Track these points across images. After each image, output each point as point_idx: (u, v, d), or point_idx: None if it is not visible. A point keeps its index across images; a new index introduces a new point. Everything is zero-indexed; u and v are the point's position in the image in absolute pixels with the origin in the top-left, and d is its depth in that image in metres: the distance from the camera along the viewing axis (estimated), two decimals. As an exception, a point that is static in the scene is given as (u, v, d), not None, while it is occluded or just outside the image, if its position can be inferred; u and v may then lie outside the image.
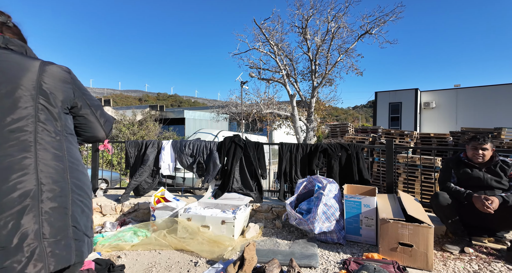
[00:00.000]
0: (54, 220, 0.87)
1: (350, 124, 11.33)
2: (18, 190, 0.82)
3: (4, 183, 0.81)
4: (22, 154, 0.86)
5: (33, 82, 0.91)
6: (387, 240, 2.27)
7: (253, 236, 2.95)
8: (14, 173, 0.83)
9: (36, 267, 0.79)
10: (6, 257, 0.76)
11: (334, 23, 11.87)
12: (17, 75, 0.89)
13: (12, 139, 0.85)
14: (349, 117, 42.47)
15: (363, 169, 3.33)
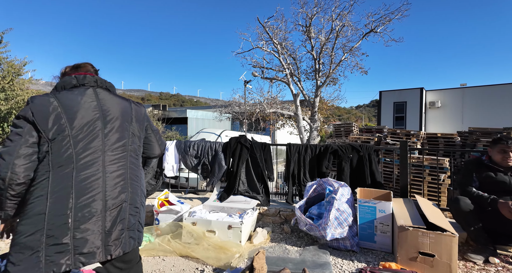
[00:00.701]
0: (133, 216, 1.23)
1: (355, 124, 11.16)
2: (121, 194, 1.20)
3: (113, 189, 1.17)
4: (121, 168, 1.23)
5: (129, 116, 1.31)
6: (405, 248, 2.13)
7: (261, 242, 2.82)
8: (118, 180, 1.20)
9: (121, 246, 1.17)
10: (108, 238, 1.12)
11: (339, 22, 11.68)
12: (119, 110, 1.27)
13: (122, 153, 1.25)
14: (351, 117, 42.21)
15: (376, 171, 3.18)
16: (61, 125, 1.10)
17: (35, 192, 1.05)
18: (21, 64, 9.00)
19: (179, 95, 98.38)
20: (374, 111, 58.22)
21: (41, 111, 1.09)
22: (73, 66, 1.33)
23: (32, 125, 1.08)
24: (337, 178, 3.35)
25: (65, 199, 1.05)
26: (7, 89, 8.50)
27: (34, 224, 1.01)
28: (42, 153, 1.09)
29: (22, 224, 1.03)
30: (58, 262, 1.01)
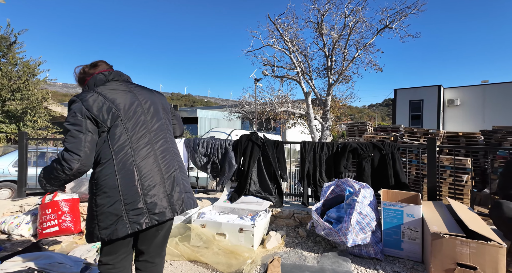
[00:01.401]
0: (185, 181, 1.48)
1: (369, 123, 10.77)
2: (171, 165, 1.42)
3: (163, 161, 1.39)
4: (165, 144, 1.44)
5: (162, 103, 1.53)
6: (440, 259, 1.88)
7: (275, 247, 2.62)
8: (165, 154, 1.42)
9: (184, 205, 1.40)
10: (171, 199, 1.35)
11: (352, 18, 11.30)
12: (150, 97, 1.48)
13: (163, 135, 1.46)
14: (364, 117, 41.27)
15: (400, 171, 2.92)
16: (113, 115, 1.30)
17: (104, 171, 1.26)
18: (35, 64, 9.17)
19: (190, 95, 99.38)
20: (387, 110, 56.67)
21: (94, 106, 1.27)
22: (91, 65, 1.49)
23: (89, 119, 1.26)
24: (356, 178, 3.10)
25: (131, 173, 1.28)
26: (22, 89, 8.67)
27: (112, 196, 1.24)
28: (102, 139, 1.30)
29: (101, 197, 1.24)
30: (139, 222, 1.26)
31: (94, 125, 1.26)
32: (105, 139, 1.29)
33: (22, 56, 9.02)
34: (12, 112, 8.46)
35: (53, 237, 2.72)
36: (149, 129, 1.39)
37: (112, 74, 1.44)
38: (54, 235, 2.74)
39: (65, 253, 2.24)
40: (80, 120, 1.24)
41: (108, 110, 1.29)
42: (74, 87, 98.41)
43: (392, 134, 7.77)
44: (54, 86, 11.88)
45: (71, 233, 2.83)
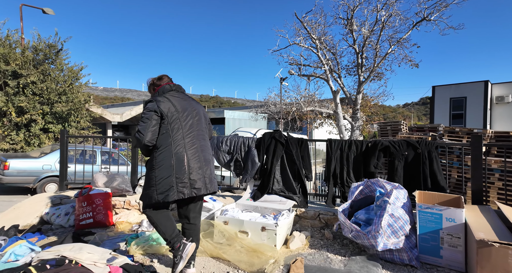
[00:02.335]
0: (213, 171, 2.01)
1: (404, 122, 10.10)
2: (207, 156, 2.00)
3: (203, 153, 1.97)
4: (205, 141, 2.02)
5: (203, 112, 2.10)
6: (489, 270, 1.65)
7: (299, 247, 2.52)
8: (204, 148, 2.00)
9: (213, 187, 1.98)
10: (206, 180, 1.92)
11: (385, 12, 10.68)
12: (198, 107, 2.07)
13: (203, 135, 2.03)
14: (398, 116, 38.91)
15: (438, 172, 2.65)
16: (175, 114, 1.87)
17: (163, 154, 1.82)
18: (79, 69, 10.00)
19: (217, 97, 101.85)
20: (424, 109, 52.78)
21: (163, 105, 1.85)
22: (158, 77, 2.08)
23: (156, 114, 1.83)
24: (388, 178, 2.88)
25: (182, 157, 1.84)
26: (67, 92, 9.50)
27: (168, 172, 1.80)
28: (164, 130, 1.84)
29: (160, 172, 1.80)
30: (183, 191, 1.81)
31: (159, 118, 1.83)
32: (165, 131, 1.83)
33: (67, 62, 9.91)
34: (59, 113, 9.31)
35: (88, 229, 2.90)
36: (194, 129, 1.95)
37: (175, 86, 2.02)
38: (88, 227, 2.92)
39: (97, 244, 2.37)
40: (150, 113, 1.81)
41: (171, 110, 1.86)
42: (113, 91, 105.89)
43: (429, 134, 7.18)
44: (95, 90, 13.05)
45: (104, 226, 3.00)
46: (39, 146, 8.94)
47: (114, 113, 16.40)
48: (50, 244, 2.43)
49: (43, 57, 9.42)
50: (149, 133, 1.78)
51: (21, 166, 6.04)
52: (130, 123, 21.67)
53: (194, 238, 2.01)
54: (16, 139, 8.78)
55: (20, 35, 9.56)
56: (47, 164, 6.17)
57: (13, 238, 2.23)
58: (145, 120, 1.79)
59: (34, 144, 9.03)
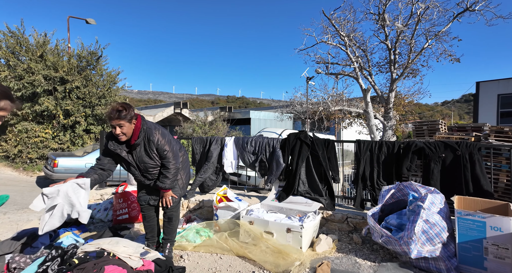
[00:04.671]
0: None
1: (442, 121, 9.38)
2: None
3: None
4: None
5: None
6: (541, 287, 1.48)
7: (325, 251, 2.47)
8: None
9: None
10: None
11: (422, 4, 10.00)
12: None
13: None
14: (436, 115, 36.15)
15: (481, 176, 2.43)
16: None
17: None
18: (116, 74, 10.75)
19: (244, 98, 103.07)
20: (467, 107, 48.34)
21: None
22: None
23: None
24: (423, 182, 2.70)
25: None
26: (106, 95, 10.27)
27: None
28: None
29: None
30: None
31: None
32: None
33: (106, 68, 10.72)
34: (99, 115, 10.11)
35: (124, 224, 3.11)
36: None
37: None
38: (125, 222, 3.13)
39: (131, 239, 2.53)
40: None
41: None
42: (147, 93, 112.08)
43: (472, 135, 6.58)
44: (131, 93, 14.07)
45: (139, 221, 3.19)
46: (82, 146, 9.78)
47: (148, 115, 17.37)
48: (92, 237, 2.65)
49: (86, 64, 10.29)
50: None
51: (67, 163, 6.66)
52: (162, 124, 22.80)
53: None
54: (63, 139, 9.69)
55: (66, 44, 10.54)
56: (89, 162, 6.73)
57: (61, 230, 2.47)
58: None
59: (78, 144, 9.90)
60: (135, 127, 2.02)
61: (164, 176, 2.10)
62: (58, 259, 1.74)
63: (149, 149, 2.06)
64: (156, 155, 2.09)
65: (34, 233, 2.24)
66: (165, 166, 2.10)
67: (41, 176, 8.69)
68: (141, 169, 2.13)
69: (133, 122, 2.01)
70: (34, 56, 9.41)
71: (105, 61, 10.69)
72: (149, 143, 2.05)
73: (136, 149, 2.07)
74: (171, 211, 2.26)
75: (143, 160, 2.08)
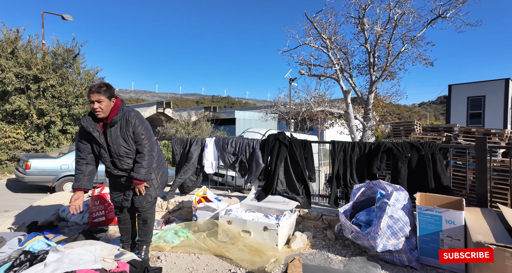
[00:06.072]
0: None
1: (417, 122, 9.87)
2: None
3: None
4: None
5: None
6: (486, 272, 1.65)
7: (300, 247, 2.58)
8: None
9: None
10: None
11: (398, 9, 10.45)
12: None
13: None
14: (414, 116, 37.79)
15: (442, 174, 2.63)
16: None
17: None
18: (94, 73, 10.43)
19: (229, 97, 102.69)
20: (442, 108, 50.95)
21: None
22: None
23: None
24: (391, 180, 2.88)
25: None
26: (84, 94, 9.93)
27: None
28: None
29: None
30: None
31: None
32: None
33: (84, 66, 10.37)
34: (76, 115, 9.75)
35: (101, 226, 3.07)
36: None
37: None
38: (101, 224, 3.09)
39: (107, 241, 2.52)
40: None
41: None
42: (128, 92, 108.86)
43: (444, 135, 6.99)
44: (112, 92, 13.65)
45: (115, 223, 3.16)
46: (58, 146, 9.40)
47: (129, 115, 16.87)
48: (65, 240, 2.60)
49: (62, 62, 9.90)
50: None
51: (41, 165, 6.39)
52: (144, 124, 22.17)
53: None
54: (37, 140, 9.27)
55: (40, 41, 10.08)
56: (65, 164, 6.50)
57: (32, 234, 2.40)
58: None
59: (53, 145, 9.51)
60: (114, 105, 2.02)
61: (139, 165, 2.01)
62: (26, 264, 1.70)
63: (126, 130, 2.00)
64: (131, 139, 2.02)
65: (2, 238, 2.18)
66: (140, 152, 2.03)
67: (12, 178, 8.28)
68: (112, 153, 2.01)
69: (113, 100, 2.02)
70: (4, 52, 8.94)
71: (82, 59, 10.34)
72: (127, 123, 2.01)
73: (111, 128, 2.00)
74: (146, 212, 2.22)
75: (117, 141, 1.99)
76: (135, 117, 2.04)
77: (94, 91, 1.95)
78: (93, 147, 2.07)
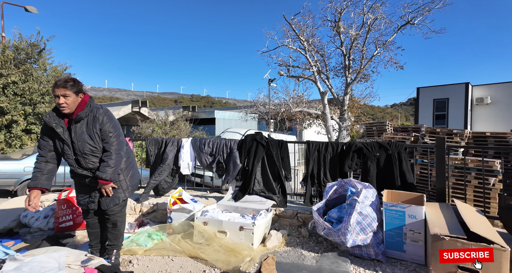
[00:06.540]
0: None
1: (389, 123, 10.40)
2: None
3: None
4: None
5: None
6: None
7: (275, 245, 2.63)
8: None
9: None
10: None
11: (371, 15, 10.95)
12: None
13: None
14: (386, 116, 39.73)
15: (407, 172, 2.81)
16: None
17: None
18: (63, 69, 9.82)
19: (209, 97, 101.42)
20: (412, 110, 54.17)
21: None
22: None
23: None
24: (361, 178, 3.03)
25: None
26: (51, 92, 9.32)
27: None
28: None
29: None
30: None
31: None
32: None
33: (51, 62, 9.72)
34: (42, 114, 9.13)
35: (68, 231, 2.91)
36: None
37: None
38: (69, 229, 2.93)
39: (75, 247, 2.40)
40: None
41: None
42: (101, 90, 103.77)
43: (412, 135, 7.44)
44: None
45: (84, 228, 3.01)
46: (21, 147, 8.75)
47: (102, 114, 16.09)
48: (27, 248, 2.44)
49: (25, 57, 9.21)
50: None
51: (1, 167, 5.92)
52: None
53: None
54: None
55: (0, 33, 9.32)
56: (28, 166, 6.06)
57: (-11, 241, 2.24)
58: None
59: (15, 145, 8.83)
60: (81, 101, 1.93)
61: (105, 164, 1.91)
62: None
63: (92, 127, 1.92)
64: (98, 136, 1.94)
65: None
66: (107, 150, 1.94)
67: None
68: (76, 150, 1.91)
69: (80, 95, 1.94)
70: (-45, 45, 8.16)
71: (49, 55, 9.70)
72: (94, 120, 1.93)
73: (77, 124, 1.91)
74: (115, 216, 2.12)
75: (82, 138, 1.90)
76: (104, 115, 1.97)
77: (59, 86, 1.86)
78: (56, 144, 1.96)
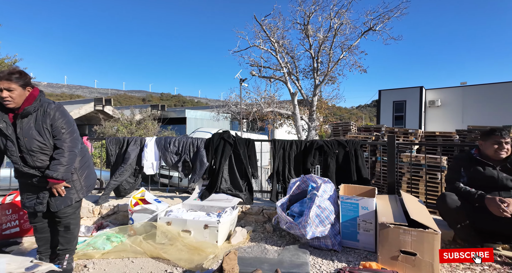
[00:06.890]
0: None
1: (353, 123, 11.01)
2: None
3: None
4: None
5: None
6: (387, 247, 1.99)
7: (240, 242, 2.69)
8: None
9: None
10: None
11: (337, 20, 11.52)
12: None
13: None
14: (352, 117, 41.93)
15: (362, 167, 3.04)
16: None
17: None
18: (12, 62, 8.96)
19: (180, 96, 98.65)
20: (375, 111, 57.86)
21: None
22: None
23: None
24: (322, 174, 3.21)
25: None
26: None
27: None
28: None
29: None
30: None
31: None
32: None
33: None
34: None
35: (14, 238, 2.67)
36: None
37: None
38: (15, 236, 2.69)
39: (22, 254, 2.23)
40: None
41: None
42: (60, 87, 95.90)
43: (374, 134, 7.98)
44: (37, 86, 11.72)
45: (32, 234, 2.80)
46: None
47: (60, 112, 14.92)
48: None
49: (-33, 48, 8.26)
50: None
51: None
52: (79, 122, 19.92)
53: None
54: None
55: None
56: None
57: None
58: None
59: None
60: (29, 95, 1.80)
61: (56, 162, 1.77)
62: None
63: (42, 122, 1.79)
64: (48, 132, 1.81)
65: None
66: (58, 147, 1.82)
67: None
68: (21, 147, 1.77)
69: (28, 89, 1.80)
70: None
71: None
72: (44, 115, 1.80)
73: (23, 119, 1.78)
74: (68, 218, 1.98)
75: (29, 134, 1.75)
76: (56, 110, 1.85)
77: (2, 78, 1.71)
78: None
